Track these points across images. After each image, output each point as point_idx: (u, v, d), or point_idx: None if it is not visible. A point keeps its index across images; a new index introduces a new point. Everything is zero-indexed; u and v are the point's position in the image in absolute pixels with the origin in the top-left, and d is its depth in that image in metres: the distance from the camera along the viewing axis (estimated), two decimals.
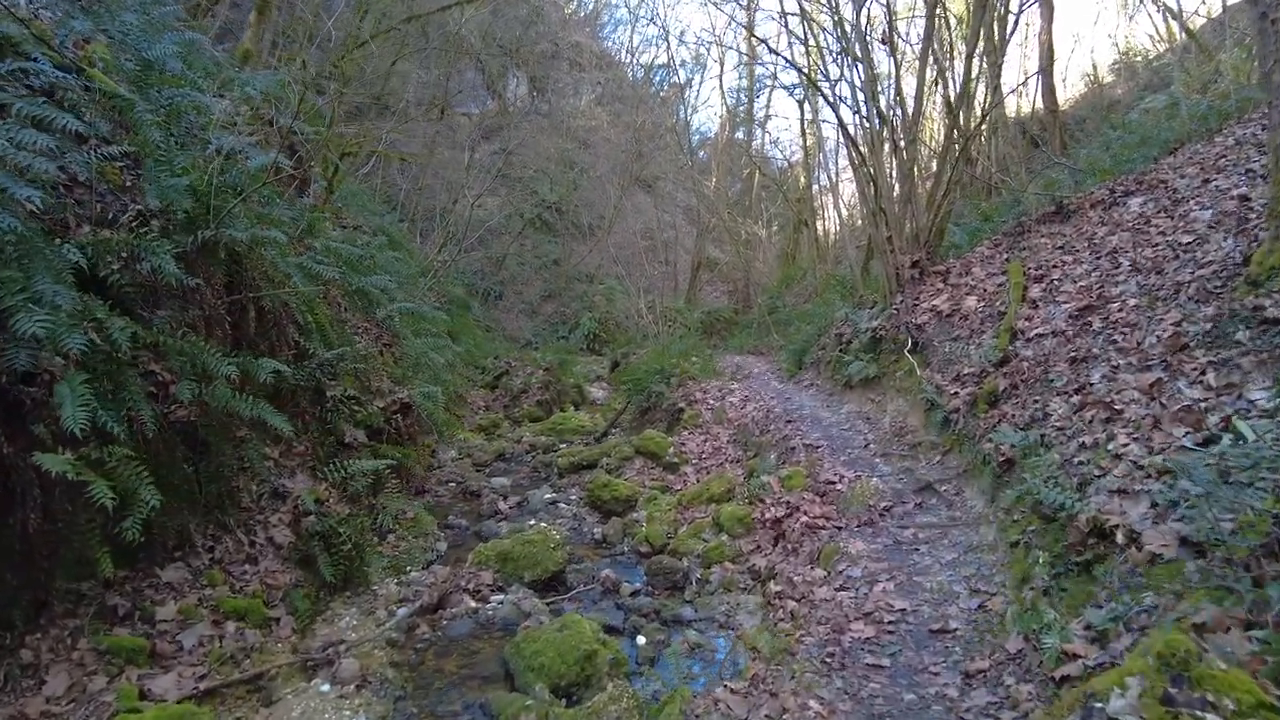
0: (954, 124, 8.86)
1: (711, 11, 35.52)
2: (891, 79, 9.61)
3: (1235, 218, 5.01)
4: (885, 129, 9.03)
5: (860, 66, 8.99)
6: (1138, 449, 3.25)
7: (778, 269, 21.54)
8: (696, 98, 36.27)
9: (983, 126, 10.86)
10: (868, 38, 9.32)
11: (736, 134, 24.50)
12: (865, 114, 8.87)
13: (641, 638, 4.41)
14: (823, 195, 21.96)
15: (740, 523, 5.62)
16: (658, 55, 33.17)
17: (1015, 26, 9.49)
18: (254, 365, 3.92)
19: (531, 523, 6.61)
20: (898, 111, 9.36)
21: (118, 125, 4.22)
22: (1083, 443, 3.66)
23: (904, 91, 9.71)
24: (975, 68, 9.09)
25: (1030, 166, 12.47)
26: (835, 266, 16.92)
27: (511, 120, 25.21)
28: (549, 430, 10.44)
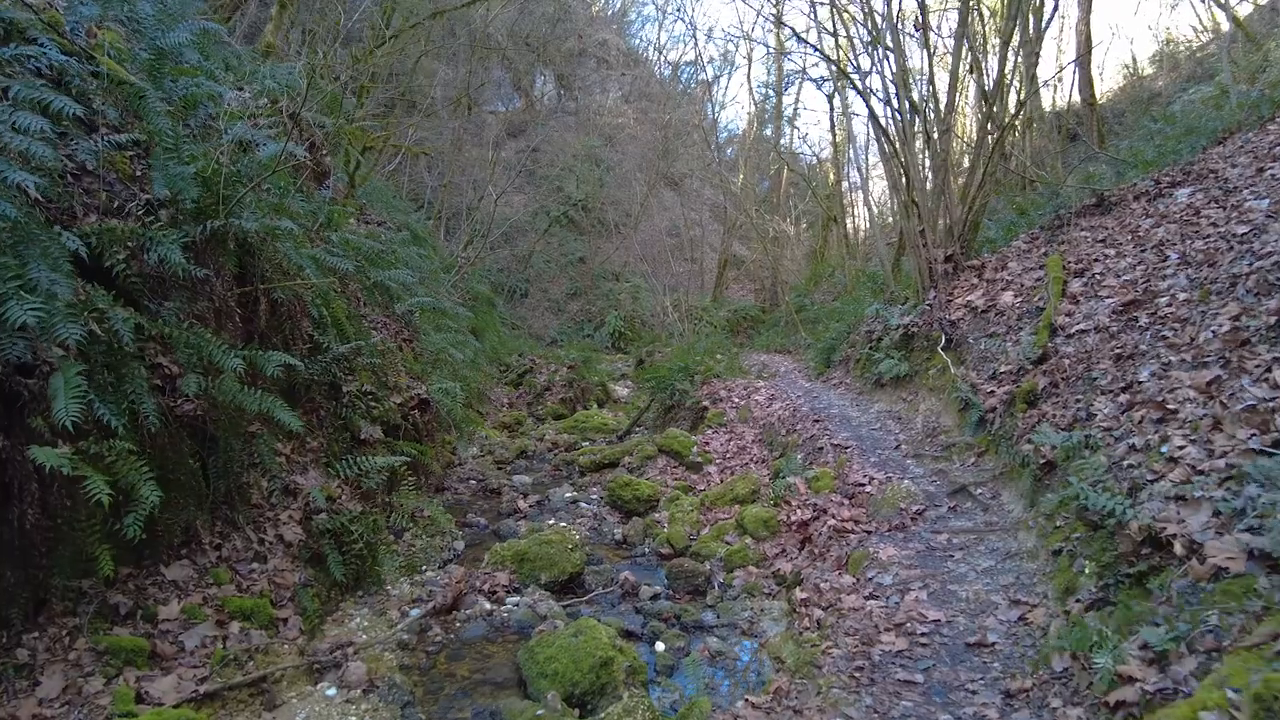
0: (989, 114, 8.56)
1: (740, 6, 35.22)
2: (924, 70, 9.33)
3: None
4: (918, 119, 8.75)
5: (891, 57, 8.72)
6: (1196, 452, 3.00)
7: (806, 266, 21.22)
8: (724, 94, 36.01)
9: (1018, 118, 10.51)
10: (899, 27, 9.04)
11: (764, 131, 24.19)
12: (897, 105, 8.59)
13: (660, 644, 4.24)
14: (852, 192, 21.63)
15: (765, 525, 5.42)
16: (685, 52, 32.94)
17: (1053, 17, 9.14)
18: (262, 358, 3.81)
19: (551, 522, 6.48)
20: (930, 104, 9.07)
21: (128, 114, 4.15)
22: (1132, 445, 3.41)
23: (937, 83, 9.41)
24: (1010, 59, 8.78)
25: (1067, 161, 12.08)
26: (865, 263, 16.60)
27: (538, 118, 25.19)
28: (572, 428, 10.31)
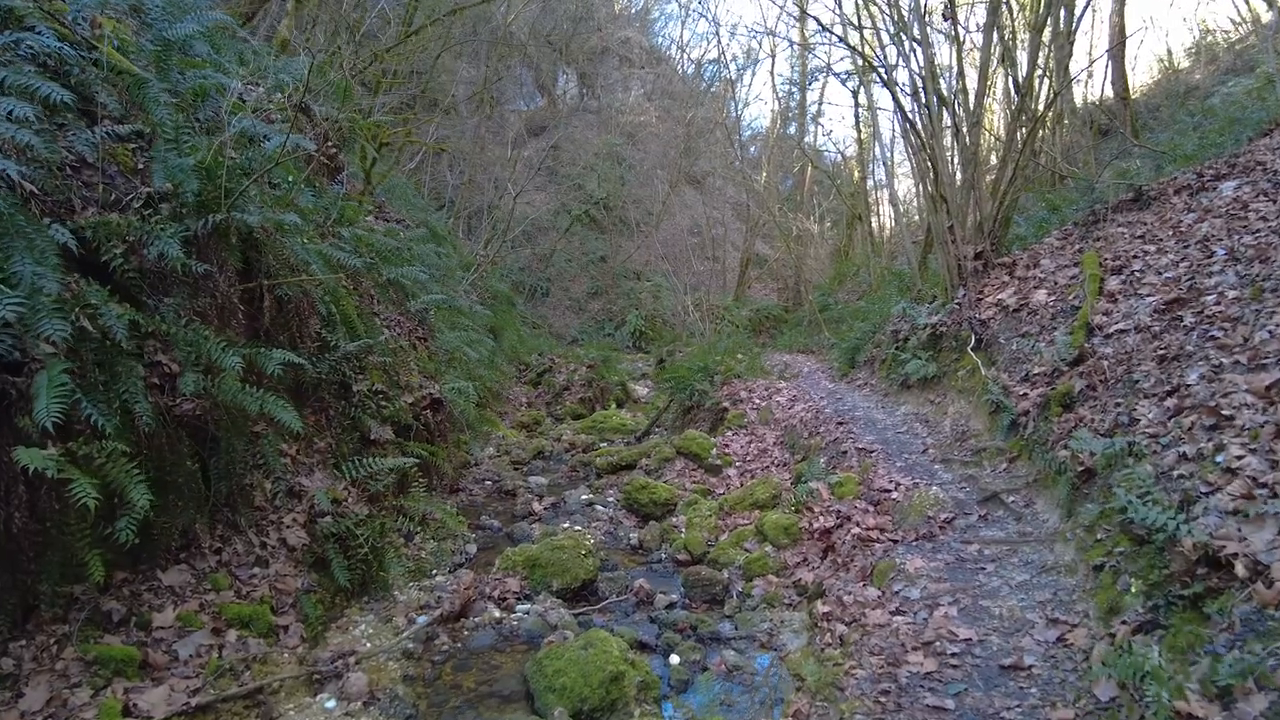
0: (1021, 107, 8.26)
1: (763, 2, 34.86)
2: (952, 64, 9.06)
3: None
4: (945, 113, 8.47)
5: (919, 49, 8.45)
6: (1257, 463, 2.76)
7: (830, 265, 20.91)
8: (747, 92, 35.70)
9: (1049, 112, 10.17)
10: (926, 19, 8.77)
11: (788, 128, 23.87)
12: (924, 99, 8.32)
13: (675, 656, 4.05)
14: (878, 190, 21.28)
15: (786, 532, 5.22)
16: (708, 50, 32.68)
17: (1086, 7, 8.80)
18: (262, 357, 3.68)
19: (566, 525, 6.32)
20: (959, 98, 8.77)
21: (132, 105, 4.05)
22: (1183, 453, 3.16)
23: (966, 75, 9.10)
24: (1042, 51, 8.47)
25: (1100, 156, 11.69)
26: (891, 261, 16.27)
27: (560, 116, 25.10)
28: (590, 428, 10.15)
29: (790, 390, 8.91)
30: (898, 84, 8.83)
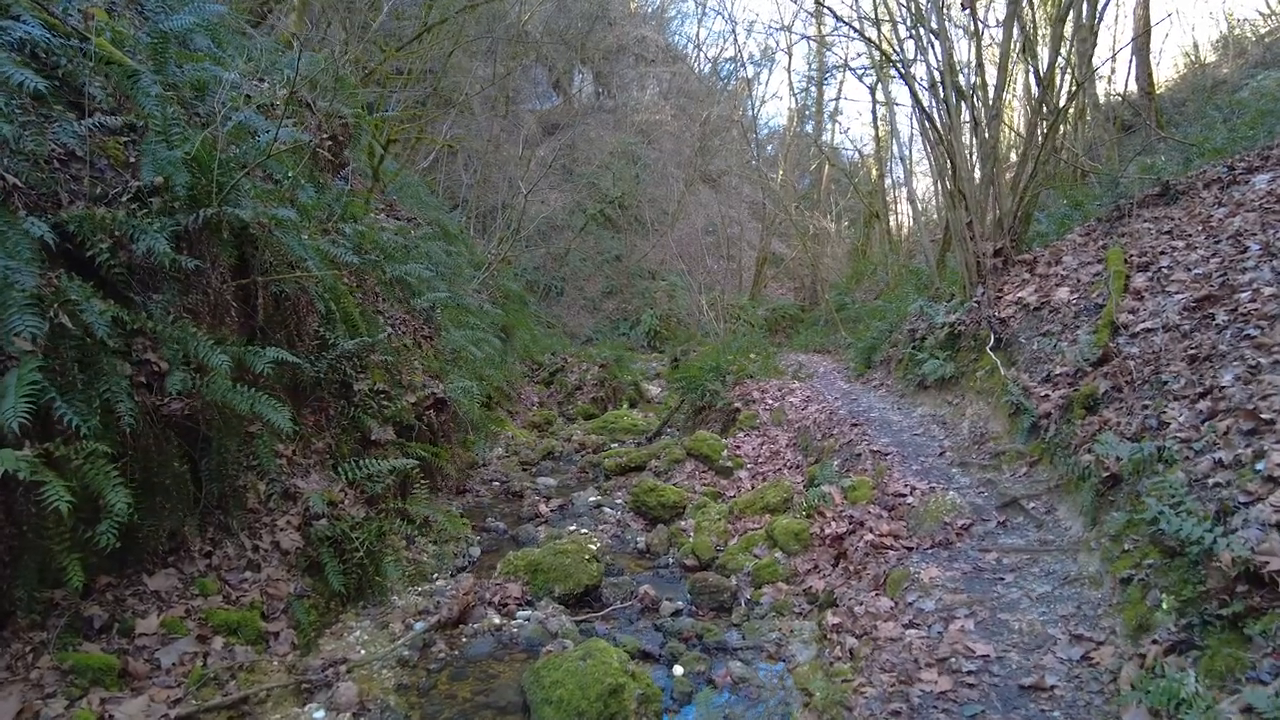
0: (1042, 100, 8.01)
1: (780, 1, 34.55)
2: (971, 58, 8.80)
3: None
4: (964, 106, 8.24)
5: (937, 42, 8.23)
6: None
7: (847, 264, 20.64)
8: (765, 90, 35.45)
9: (1072, 105, 9.89)
10: (944, 10, 8.54)
11: (805, 126, 23.61)
12: (942, 92, 8.10)
13: (679, 667, 3.90)
14: (896, 188, 20.99)
15: (796, 538, 5.04)
16: (725, 49, 32.45)
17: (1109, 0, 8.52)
18: (251, 355, 3.57)
19: (572, 528, 6.19)
20: (978, 91, 8.53)
21: (126, 98, 3.96)
22: (1218, 459, 2.97)
23: (985, 68, 8.86)
24: (1064, 43, 8.21)
25: (1123, 153, 11.38)
26: (909, 260, 16.01)
27: (576, 116, 25.00)
28: (601, 429, 10.02)
29: (804, 390, 8.72)
30: (915, 78, 8.63)
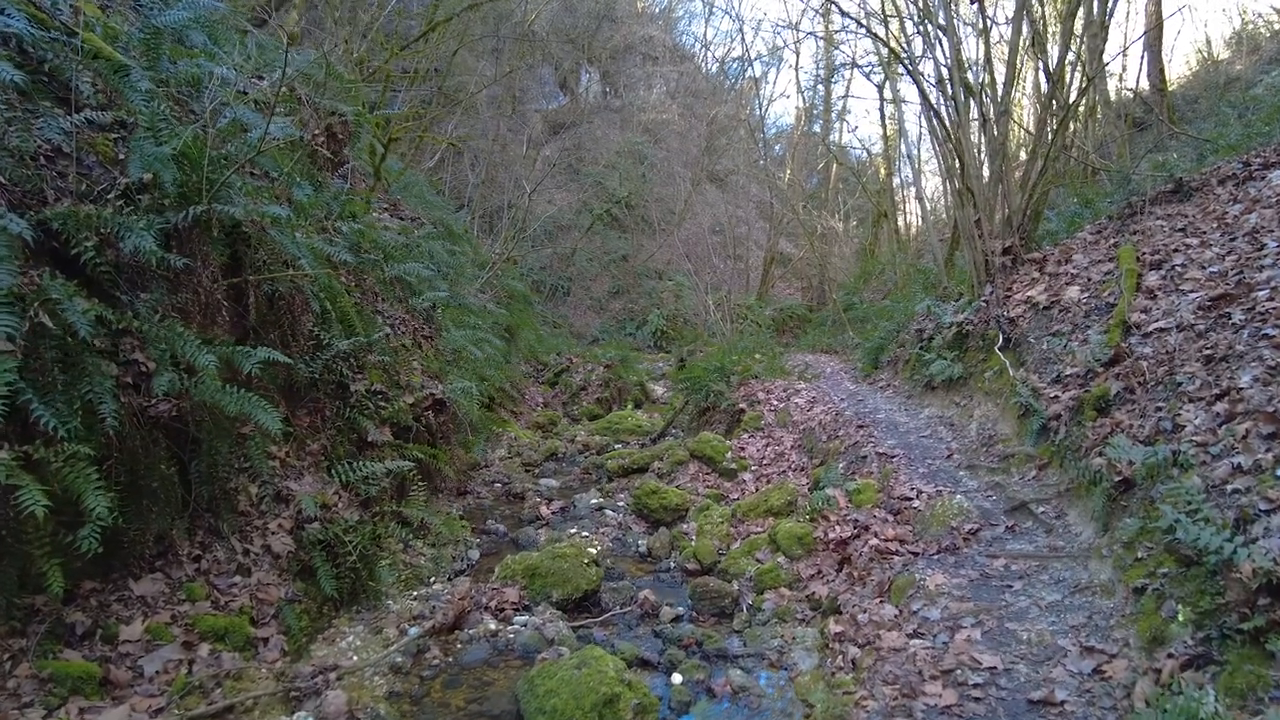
0: (1052, 95, 7.88)
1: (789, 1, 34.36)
2: (979, 55, 8.70)
3: None
4: (973, 103, 8.11)
5: (944, 37, 8.11)
6: None
7: (855, 264, 20.49)
8: (772, 89, 35.29)
9: (1082, 102, 9.73)
10: (953, 5, 8.42)
11: (813, 126, 23.49)
12: (950, 88, 7.97)
13: (678, 675, 3.80)
14: (904, 188, 20.84)
15: (800, 542, 4.94)
16: (732, 48, 32.28)
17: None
18: (239, 355, 3.50)
19: (573, 531, 6.11)
20: (987, 89, 8.40)
21: (117, 93, 3.90)
22: (1237, 464, 2.85)
23: (993, 64, 8.73)
24: (1074, 38, 8.08)
25: (1134, 150, 11.21)
26: (917, 259, 15.86)
27: (583, 115, 24.92)
28: (605, 429, 9.93)
29: (810, 391, 8.61)
30: (923, 75, 8.50)
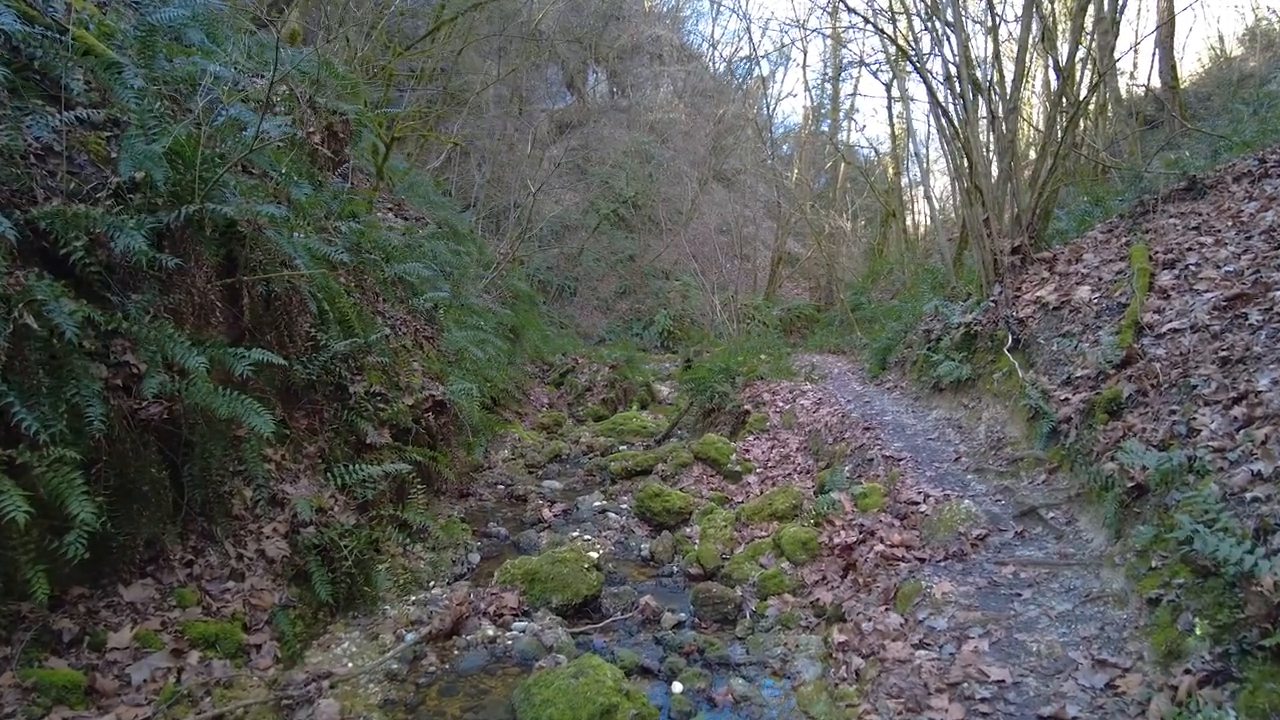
0: (1062, 92, 7.76)
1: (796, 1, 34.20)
2: (988, 52, 8.57)
3: None
4: (981, 100, 8.00)
5: (952, 34, 8.00)
6: None
7: (863, 264, 20.37)
8: (780, 88, 35.15)
9: (1092, 99, 9.60)
10: (960, 3, 8.31)
11: (821, 126, 23.34)
12: (959, 85, 7.87)
13: (678, 684, 3.72)
14: (913, 187, 20.70)
15: (804, 547, 4.85)
16: (740, 47, 32.17)
17: None
18: (231, 356, 3.44)
19: (575, 534, 6.04)
20: (995, 86, 8.29)
21: (109, 91, 3.85)
22: (1256, 471, 2.75)
23: (1002, 60, 8.61)
24: (1085, 33, 7.96)
25: (1145, 148, 11.07)
26: (926, 259, 15.73)
27: (590, 115, 24.86)
28: (610, 430, 9.86)
29: (816, 393, 8.51)
30: (931, 73, 8.41)
